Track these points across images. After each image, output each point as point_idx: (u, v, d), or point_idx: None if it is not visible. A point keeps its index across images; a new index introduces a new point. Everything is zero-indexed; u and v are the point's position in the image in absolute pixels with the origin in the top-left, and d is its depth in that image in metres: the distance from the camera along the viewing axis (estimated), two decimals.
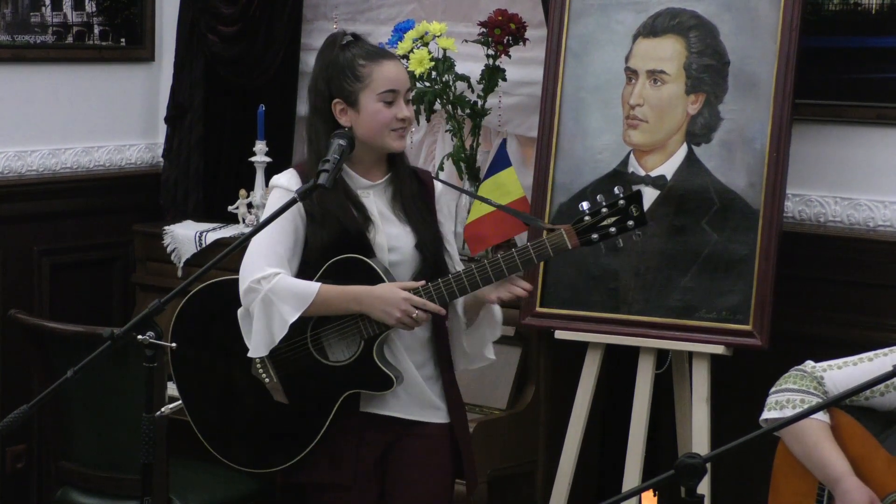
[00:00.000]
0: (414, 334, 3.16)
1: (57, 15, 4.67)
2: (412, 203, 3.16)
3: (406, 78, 3.16)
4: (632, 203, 3.01)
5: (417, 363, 3.18)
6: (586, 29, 3.85)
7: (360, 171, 3.17)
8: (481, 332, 3.23)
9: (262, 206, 4.51)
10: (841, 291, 3.80)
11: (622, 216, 3.01)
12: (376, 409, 3.16)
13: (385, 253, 3.12)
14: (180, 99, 4.82)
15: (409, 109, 3.14)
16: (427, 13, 4.49)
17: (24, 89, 4.62)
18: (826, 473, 2.97)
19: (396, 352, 3.16)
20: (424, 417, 3.19)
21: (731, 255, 3.64)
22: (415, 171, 3.25)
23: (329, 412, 3.13)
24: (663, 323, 3.69)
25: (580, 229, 3.03)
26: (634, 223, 3.01)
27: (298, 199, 2.91)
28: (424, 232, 3.15)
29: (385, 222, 3.14)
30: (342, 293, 3.08)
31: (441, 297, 3.08)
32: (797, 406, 3.00)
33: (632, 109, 3.77)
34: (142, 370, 2.84)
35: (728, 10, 3.69)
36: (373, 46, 3.19)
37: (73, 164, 4.77)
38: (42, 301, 4.65)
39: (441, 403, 3.21)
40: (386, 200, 3.17)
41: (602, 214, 3.01)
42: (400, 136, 3.13)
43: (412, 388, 3.17)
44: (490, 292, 3.10)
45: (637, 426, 3.72)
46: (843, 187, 3.84)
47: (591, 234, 3.03)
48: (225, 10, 4.70)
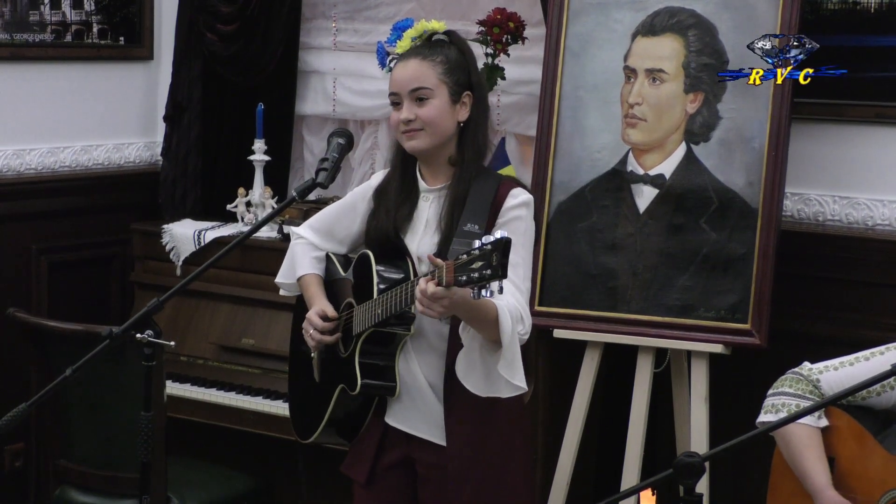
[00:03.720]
0: (431, 349, 3.05)
1: (55, 14, 4.67)
2: (455, 212, 3.01)
3: (412, 78, 3.02)
4: (496, 251, 2.62)
5: (431, 379, 3.06)
6: (585, 28, 3.85)
7: (425, 174, 3.11)
8: (472, 357, 2.92)
9: (260, 204, 4.51)
10: (840, 290, 3.80)
11: (485, 263, 2.63)
12: (393, 422, 3.10)
13: (416, 260, 3.07)
14: (179, 97, 4.82)
15: (418, 108, 3.00)
16: (426, 12, 4.49)
17: (23, 88, 4.62)
18: (807, 484, 2.99)
19: (410, 362, 3.07)
20: (439, 439, 3.06)
21: (729, 253, 3.64)
22: (497, 180, 3.06)
23: (330, 400, 3.13)
24: (662, 322, 3.68)
25: (456, 266, 2.68)
26: (491, 273, 2.61)
27: (297, 198, 2.93)
28: (445, 243, 2.97)
29: (426, 230, 3.07)
30: (307, 291, 3.20)
31: (360, 321, 3.03)
32: (792, 411, 3.01)
33: (630, 108, 3.77)
34: (140, 369, 2.84)
35: (727, 8, 3.69)
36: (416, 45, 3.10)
37: (71, 162, 4.77)
38: (40, 299, 4.65)
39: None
40: (441, 207, 3.05)
41: (473, 256, 2.65)
42: (409, 137, 3.03)
43: (422, 404, 3.07)
44: None
45: (635, 425, 3.71)
46: (842, 186, 3.84)
47: (460, 275, 2.67)
48: (223, 9, 4.69)
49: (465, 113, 3.05)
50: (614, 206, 3.77)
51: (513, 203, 3.01)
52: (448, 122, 3.03)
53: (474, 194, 3.00)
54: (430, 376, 3.06)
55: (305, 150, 4.99)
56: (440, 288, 2.72)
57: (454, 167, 3.06)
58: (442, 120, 3.02)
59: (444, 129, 3.03)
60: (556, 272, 3.81)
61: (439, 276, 2.72)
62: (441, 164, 3.07)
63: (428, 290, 2.73)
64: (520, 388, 2.90)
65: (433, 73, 3.03)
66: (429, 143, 3.03)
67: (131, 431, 2.95)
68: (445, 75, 3.03)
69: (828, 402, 2.93)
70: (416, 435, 3.08)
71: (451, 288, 2.72)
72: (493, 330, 2.84)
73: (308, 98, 4.91)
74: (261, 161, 4.56)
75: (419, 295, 2.76)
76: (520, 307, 2.91)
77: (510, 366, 2.86)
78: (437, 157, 3.07)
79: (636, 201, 3.76)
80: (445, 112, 3.03)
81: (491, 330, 2.84)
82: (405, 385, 3.07)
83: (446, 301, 2.75)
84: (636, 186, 3.76)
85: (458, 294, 2.74)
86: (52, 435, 3.81)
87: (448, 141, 3.05)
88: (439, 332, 3.05)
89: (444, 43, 3.10)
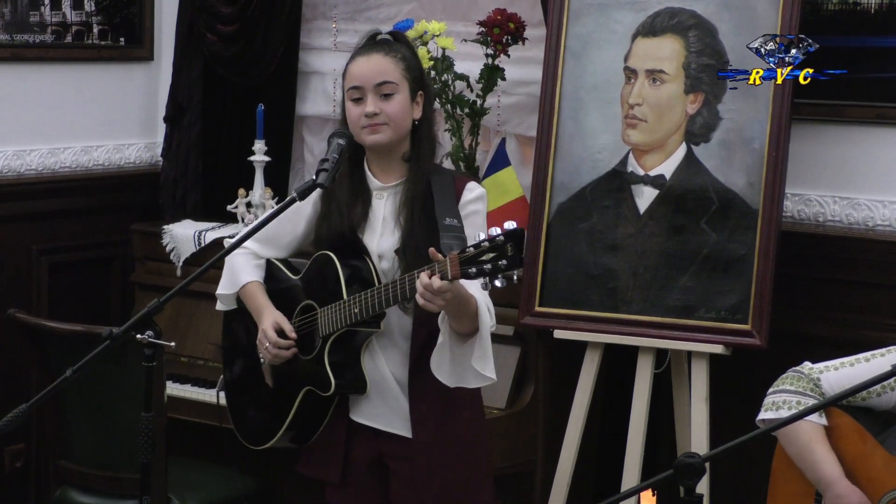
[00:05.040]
0: (395, 344, 3.08)
1: (56, 14, 4.68)
2: (416, 208, 3.05)
3: (378, 72, 3.03)
4: (510, 241, 2.69)
5: (396, 373, 3.10)
6: (585, 28, 3.85)
7: (376, 172, 3.13)
8: (445, 350, 2.97)
9: (261, 205, 4.51)
10: (840, 291, 3.79)
11: (499, 254, 2.70)
12: (360, 419, 3.12)
13: (376, 258, 3.08)
14: (179, 98, 4.82)
15: (382, 103, 3.01)
16: (426, 12, 4.48)
17: (23, 89, 4.62)
18: (818, 476, 2.98)
19: (376, 358, 3.10)
20: (406, 432, 3.10)
21: (730, 254, 3.63)
22: (450, 175, 3.13)
23: (292, 405, 3.13)
24: (662, 322, 3.68)
25: (462, 259, 2.73)
26: (507, 263, 2.69)
27: (298, 198, 2.93)
28: (409, 238, 3.03)
29: (384, 227, 3.09)
30: (254, 301, 3.18)
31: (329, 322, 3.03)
32: (793, 407, 3.01)
33: (631, 109, 3.76)
34: (141, 369, 2.84)
35: (727, 9, 3.68)
36: (367, 41, 3.12)
37: (71, 163, 4.77)
38: (41, 300, 4.64)
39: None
40: (397, 204, 3.08)
41: (482, 248, 2.70)
42: (372, 132, 3.03)
43: (390, 398, 3.10)
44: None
45: (636, 426, 3.71)
46: (843, 187, 3.83)
47: (469, 268, 2.72)
48: (224, 10, 4.69)
49: (419, 112, 3.09)
50: (615, 207, 3.76)
51: (470, 197, 3.08)
52: (408, 120, 3.07)
53: (438, 189, 3.04)
54: (395, 371, 3.10)
55: (306, 150, 4.98)
56: (445, 282, 2.75)
57: (408, 164, 3.09)
58: (404, 116, 3.06)
59: (405, 126, 3.07)
60: (556, 273, 3.81)
61: (442, 270, 2.75)
62: (395, 160, 3.10)
63: (434, 284, 2.76)
64: (490, 378, 2.98)
65: (396, 68, 3.06)
66: (390, 139, 3.05)
67: (132, 432, 2.95)
68: (406, 72, 3.07)
69: (830, 401, 2.94)
70: (383, 430, 3.11)
71: (455, 281, 2.76)
72: (470, 322, 2.91)
73: (308, 99, 4.90)
74: (261, 162, 4.55)
75: (422, 290, 2.78)
76: (487, 301, 2.97)
77: (483, 357, 2.94)
78: (392, 153, 3.09)
79: (636, 202, 3.75)
80: (407, 108, 3.07)
81: (468, 322, 2.91)
82: (372, 381, 3.09)
83: (449, 294, 2.80)
84: (636, 187, 3.75)
85: (458, 288, 2.81)
86: (53, 436, 3.81)
87: (404, 138, 3.09)
88: (403, 329, 3.09)
89: (394, 42, 3.12)
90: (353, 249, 3.08)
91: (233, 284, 3.23)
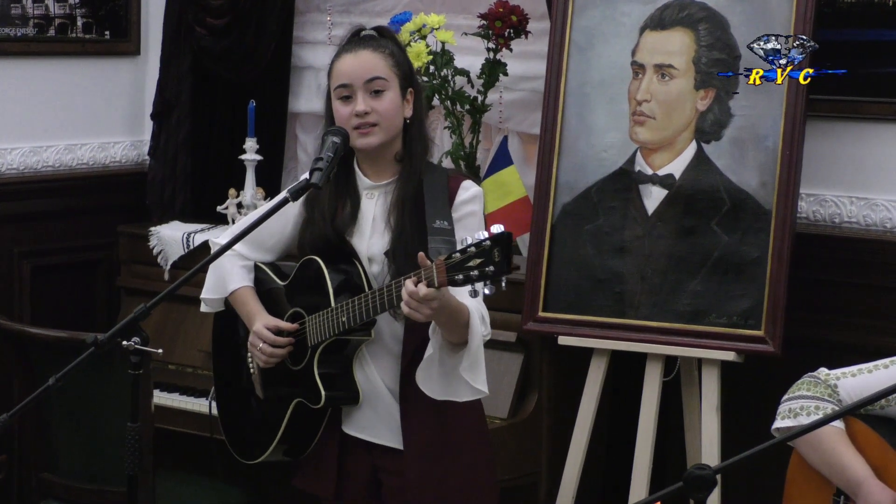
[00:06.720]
0: (386, 352, 3.04)
1: (38, 7, 4.69)
2: (407, 209, 3.00)
3: (367, 68, 2.97)
4: (497, 246, 2.61)
5: (388, 382, 3.05)
6: (591, 21, 3.84)
7: (367, 170, 3.08)
8: (434, 361, 2.91)
9: (252, 206, 4.50)
10: (857, 295, 3.78)
11: (485, 259, 2.61)
12: (352, 431, 3.09)
13: (366, 261, 3.04)
14: (167, 94, 4.81)
15: (373, 101, 2.97)
16: (425, 5, 4.49)
17: (4, 84, 4.61)
18: (846, 478, 2.95)
19: (366, 368, 3.05)
20: (399, 444, 3.05)
21: (742, 257, 3.62)
22: (444, 174, 3.07)
23: (283, 417, 3.10)
24: (671, 328, 3.66)
25: (449, 265, 2.65)
26: (495, 270, 2.60)
27: (290, 199, 2.88)
28: (399, 241, 2.98)
29: (374, 229, 3.04)
30: (245, 307, 3.15)
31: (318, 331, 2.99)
32: (811, 413, 2.98)
33: (638, 105, 3.76)
34: (127, 378, 2.81)
35: (739, 1, 3.69)
36: (351, 38, 3.07)
37: (55, 162, 4.76)
38: (23, 305, 4.64)
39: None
40: (388, 205, 3.04)
41: (469, 254, 2.62)
42: (362, 134, 2.98)
43: (381, 409, 3.05)
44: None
45: (644, 436, 3.70)
46: (859, 186, 3.81)
47: (456, 275, 2.64)
48: (214, 2, 4.69)
49: (410, 110, 3.05)
50: (622, 208, 3.75)
51: (465, 197, 3.02)
52: (399, 118, 3.02)
53: (430, 190, 3.00)
54: (386, 380, 3.06)
55: (299, 148, 4.98)
56: (432, 289, 2.69)
57: (400, 163, 3.05)
58: (396, 115, 3.01)
59: (396, 125, 3.02)
60: (561, 276, 3.79)
61: (429, 276, 2.69)
62: (387, 160, 3.05)
63: (420, 291, 2.70)
64: (481, 391, 2.93)
65: (385, 64, 3.02)
66: (382, 140, 3.01)
67: (118, 443, 2.93)
68: (395, 68, 3.03)
69: (847, 410, 2.92)
70: (376, 443, 3.07)
71: (442, 289, 2.70)
72: (461, 332, 2.85)
73: (302, 95, 4.89)
74: (252, 161, 4.53)
75: (407, 297, 2.73)
76: (481, 308, 2.91)
77: (473, 369, 2.87)
78: (384, 153, 3.04)
79: (644, 202, 3.74)
80: (398, 106, 3.02)
81: (459, 332, 2.85)
82: (363, 392, 3.06)
83: (436, 303, 2.74)
84: (644, 187, 3.74)
85: (445, 295, 2.74)
86: (36, 447, 3.80)
87: (395, 138, 3.04)
88: (395, 335, 3.04)
89: (380, 37, 3.08)
90: (341, 253, 3.05)
91: (221, 289, 3.20)
